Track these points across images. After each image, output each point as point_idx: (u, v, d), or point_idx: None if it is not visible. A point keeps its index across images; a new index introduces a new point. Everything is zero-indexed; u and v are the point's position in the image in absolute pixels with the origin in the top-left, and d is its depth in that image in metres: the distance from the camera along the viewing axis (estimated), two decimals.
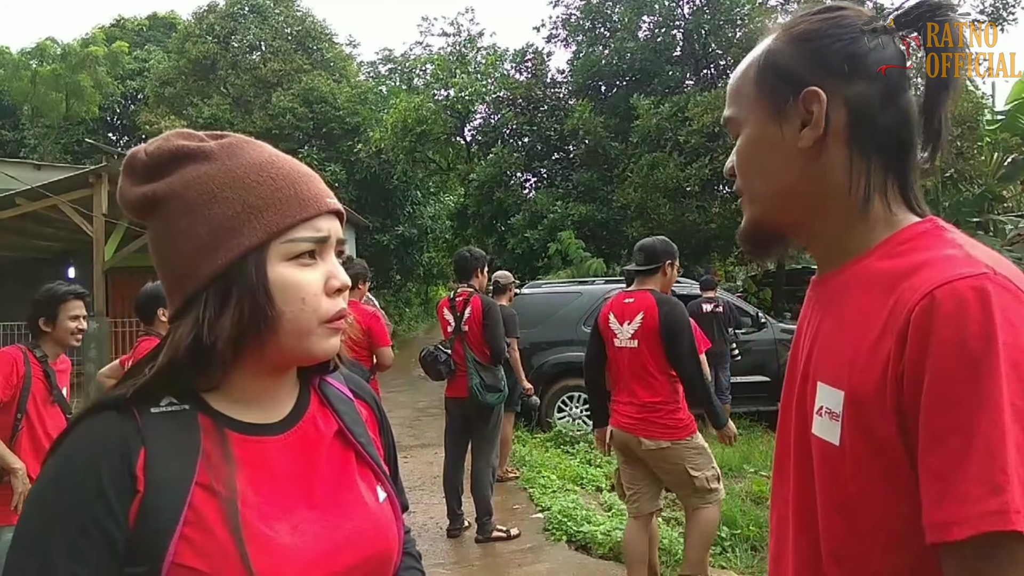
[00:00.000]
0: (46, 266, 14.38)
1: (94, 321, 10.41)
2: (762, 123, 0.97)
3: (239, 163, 0.88)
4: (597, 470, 7.00)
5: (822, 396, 0.90)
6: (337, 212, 0.92)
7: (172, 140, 0.89)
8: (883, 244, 0.93)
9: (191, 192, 0.86)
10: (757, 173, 1.00)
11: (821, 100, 0.92)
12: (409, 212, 25.50)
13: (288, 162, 0.91)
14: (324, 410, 0.99)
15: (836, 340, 0.91)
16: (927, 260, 0.84)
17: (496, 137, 19.41)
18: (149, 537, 0.77)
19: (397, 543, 0.96)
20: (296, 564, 0.82)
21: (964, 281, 0.77)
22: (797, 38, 0.96)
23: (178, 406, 0.85)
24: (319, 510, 0.88)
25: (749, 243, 1.05)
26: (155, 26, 32.68)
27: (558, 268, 14.90)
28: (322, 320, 0.88)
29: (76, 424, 0.83)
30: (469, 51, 23.94)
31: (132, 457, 0.79)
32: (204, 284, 0.85)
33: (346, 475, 0.94)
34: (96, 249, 10.33)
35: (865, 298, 0.88)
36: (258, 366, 0.89)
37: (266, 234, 0.85)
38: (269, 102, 24.25)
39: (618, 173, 16.38)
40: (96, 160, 14.64)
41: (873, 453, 0.83)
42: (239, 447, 0.86)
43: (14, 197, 10.20)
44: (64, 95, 26.59)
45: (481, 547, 5.10)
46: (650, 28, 18.13)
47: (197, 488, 0.80)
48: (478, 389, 5.06)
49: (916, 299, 0.79)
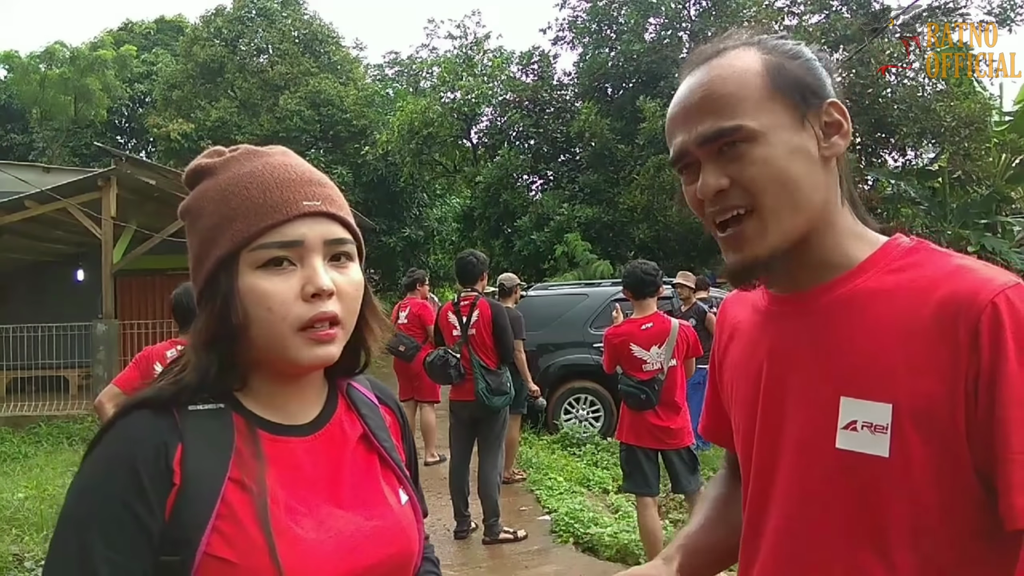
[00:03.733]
0: (55, 269, 14.46)
1: (102, 323, 10.47)
2: (790, 131, 0.93)
3: (228, 175, 0.92)
4: (604, 472, 7.00)
5: (853, 411, 0.90)
6: (323, 214, 0.90)
7: (198, 158, 0.96)
8: (874, 259, 0.95)
9: (194, 207, 0.93)
10: (790, 186, 0.92)
11: (844, 112, 0.94)
12: (416, 214, 25.53)
13: (273, 170, 0.91)
14: (350, 414, 1.01)
15: (865, 354, 0.90)
16: (953, 271, 0.89)
17: (502, 139, 19.44)
18: (183, 528, 0.81)
19: (418, 544, 0.99)
20: (320, 559, 0.85)
21: (1012, 290, 0.84)
22: (794, 56, 0.96)
23: (214, 404, 0.89)
24: (343, 509, 0.91)
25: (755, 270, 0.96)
26: (163, 29, 32.81)
27: (564, 270, 14.92)
28: (295, 327, 0.87)
29: (115, 421, 0.87)
30: (475, 54, 23.95)
31: (170, 452, 0.83)
32: (199, 293, 0.91)
33: (370, 476, 0.97)
34: (105, 252, 10.37)
35: (889, 312, 0.90)
36: (269, 370, 0.92)
37: (233, 244, 0.87)
38: (276, 105, 24.32)
39: (624, 175, 16.39)
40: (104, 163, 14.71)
41: (933, 457, 0.85)
42: (268, 446, 0.89)
43: (23, 200, 10.25)
44: (73, 98, 26.73)
45: (488, 549, 5.11)
46: (656, 30, 18.15)
47: (230, 483, 0.84)
48: (484, 393, 5.06)
49: (978, 308, 0.83)
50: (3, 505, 5.62)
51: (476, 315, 5.19)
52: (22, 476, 7.14)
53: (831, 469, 0.92)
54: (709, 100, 0.94)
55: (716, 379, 1.19)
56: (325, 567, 0.85)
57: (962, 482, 0.85)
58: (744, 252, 0.94)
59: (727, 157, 0.93)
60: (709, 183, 0.93)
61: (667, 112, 1.01)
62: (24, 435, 9.70)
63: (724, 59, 0.97)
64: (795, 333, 0.98)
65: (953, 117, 14.85)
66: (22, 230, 11.25)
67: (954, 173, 14.92)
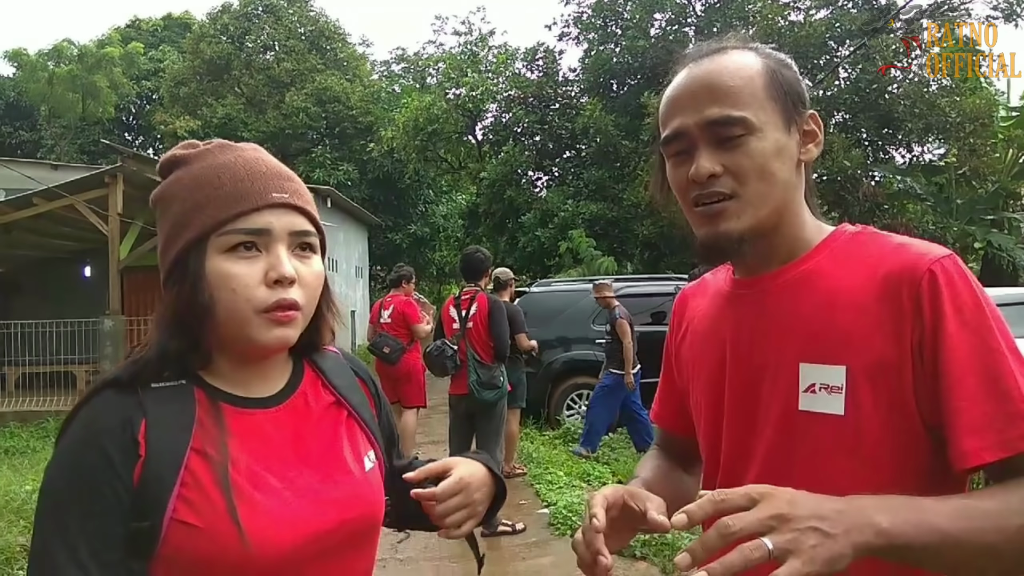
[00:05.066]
0: (63, 265, 14.55)
1: (109, 319, 10.55)
2: (779, 132, 1.02)
3: (202, 165, 0.97)
4: (604, 467, 7.02)
5: (811, 375, 0.99)
6: (289, 206, 0.96)
7: (173, 150, 1.02)
8: (823, 245, 1.06)
9: (166, 193, 0.99)
10: (770, 179, 1.01)
11: (819, 123, 1.06)
12: (421, 211, 25.60)
13: (246, 163, 0.97)
14: (317, 385, 1.07)
15: (820, 324, 0.99)
16: (894, 248, 1.00)
17: (507, 136, 19.47)
18: (150, 495, 0.86)
19: (381, 507, 1.04)
20: (282, 523, 0.91)
21: (946, 259, 0.95)
22: (784, 65, 1.05)
23: (175, 382, 0.94)
24: (307, 476, 0.96)
25: (727, 249, 1.04)
26: (170, 27, 32.95)
27: (569, 266, 14.94)
28: (257, 309, 0.92)
29: (84, 402, 0.93)
30: (481, 50, 23.99)
31: (135, 426, 0.89)
32: (167, 274, 0.96)
33: (335, 445, 1.03)
34: (111, 248, 10.45)
35: (841, 286, 1.00)
36: (232, 349, 0.98)
37: (204, 228, 0.93)
38: (282, 102, 24.41)
39: (629, 171, 16.39)
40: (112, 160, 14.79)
41: (884, 412, 0.95)
42: (232, 418, 0.95)
43: (31, 197, 10.33)
44: (80, 96, 26.91)
45: (486, 541, 5.15)
46: (662, 26, 18.14)
47: (192, 453, 0.89)
48: (475, 386, 5.15)
49: (918, 277, 0.94)
50: (11, 497, 5.69)
51: (474, 309, 5.25)
52: (30, 469, 7.21)
53: (797, 430, 1.00)
54: (718, 89, 1.01)
55: (672, 366, 1.26)
56: (286, 530, 0.90)
57: (911, 434, 0.94)
58: (719, 227, 1.01)
59: (725, 146, 1.00)
60: (705, 166, 1.00)
61: (664, 96, 1.07)
62: (32, 429, 9.79)
63: (729, 56, 1.04)
64: (756, 310, 1.07)
65: (959, 113, 14.80)
66: (30, 226, 11.34)
67: (960, 169, 14.87)
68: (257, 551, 0.87)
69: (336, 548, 0.96)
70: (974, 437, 0.89)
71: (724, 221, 1.01)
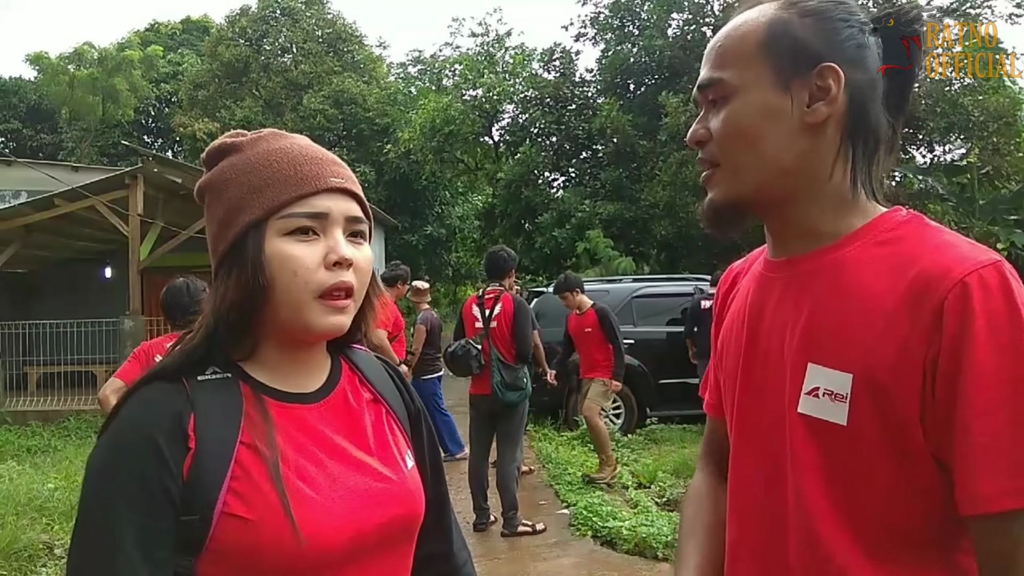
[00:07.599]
0: (83, 266, 14.70)
1: (129, 319, 10.63)
2: (767, 91, 0.92)
3: (256, 151, 0.97)
4: (623, 468, 6.99)
5: (817, 377, 0.90)
6: (345, 191, 0.97)
7: (222, 138, 1.02)
8: (864, 230, 0.93)
9: (219, 179, 0.98)
10: (751, 144, 0.93)
11: (839, 78, 0.90)
12: (438, 212, 25.61)
13: (301, 148, 0.98)
14: (355, 381, 1.06)
15: (835, 323, 0.90)
16: (934, 247, 0.87)
17: (524, 136, 19.46)
18: (201, 489, 0.85)
19: (422, 507, 1.02)
20: (331, 518, 0.90)
21: (986, 269, 0.81)
22: (810, 13, 0.93)
23: (221, 374, 0.93)
24: (351, 473, 0.95)
25: (716, 220, 0.99)
26: (188, 30, 33.22)
27: (586, 267, 14.89)
28: (315, 293, 0.92)
29: (132, 394, 0.91)
30: (497, 51, 23.98)
31: (184, 418, 0.88)
32: (221, 259, 0.95)
33: (379, 440, 1.01)
34: (132, 249, 10.53)
35: (866, 283, 0.89)
36: (280, 338, 0.96)
37: (263, 211, 0.92)
38: (300, 104, 24.51)
39: (646, 171, 16.32)
40: (132, 162, 14.93)
41: (887, 431, 0.85)
42: (277, 412, 0.94)
43: (53, 198, 10.45)
44: (101, 98, 27.17)
45: (507, 541, 5.14)
46: (679, 25, 18.05)
47: (241, 446, 0.89)
48: (499, 387, 5.12)
49: (946, 287, 0.81)
50: (34, 495, 5.72)
51: (499, 309, 5.24)
52: (52, 468, 7.28)
53: (791, 433, 0.93)
54: (712, 50, 0.98)
55: (716, 352, 1.18)
56: (335, 525, 0.89)
57: (914, 460, 0.85)
58: (707, 198, 0.98)
59: (714, 109, 0.96)
60: (695, 129, 0.97)
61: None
62: (54, 428, 9.89)
63: (744, 13, 0.98)
64: (778, 296, 0.98)
65: (981, 112, 14.61)
66: (52, 227, 11.45)
67: (983, 169, 14.68)
68: (309, 546, 0.86)
69: (378, 546, 0.94)
70: (994, 479, 0.78)
71: (710, 190, 0.97)
